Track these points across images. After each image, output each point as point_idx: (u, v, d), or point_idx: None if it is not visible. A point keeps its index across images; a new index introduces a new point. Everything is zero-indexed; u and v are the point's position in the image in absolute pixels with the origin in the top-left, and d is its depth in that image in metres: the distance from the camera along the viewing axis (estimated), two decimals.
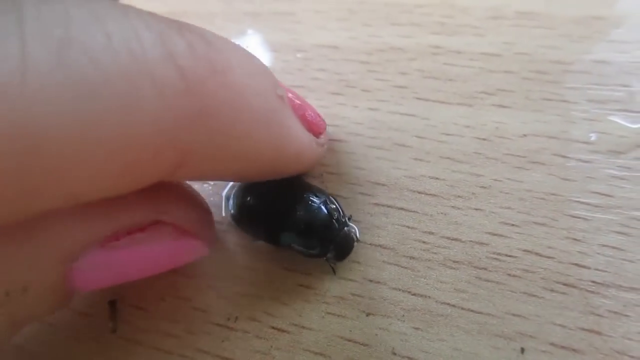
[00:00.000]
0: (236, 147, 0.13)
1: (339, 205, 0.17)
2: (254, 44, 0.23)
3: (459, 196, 0.18)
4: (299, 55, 0.22)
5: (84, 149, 0.10)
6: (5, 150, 0.09)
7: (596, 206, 0.17)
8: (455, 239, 0.17)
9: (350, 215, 0.18)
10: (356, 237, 0.18)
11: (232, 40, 0.14)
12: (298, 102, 0.17)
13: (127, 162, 0.11)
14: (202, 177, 0.16)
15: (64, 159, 0.10)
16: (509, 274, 0.16)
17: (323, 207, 0.17)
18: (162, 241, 0.15)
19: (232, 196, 0.19)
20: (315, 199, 0.17)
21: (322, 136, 0.18)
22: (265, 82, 0.14)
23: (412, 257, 0.17)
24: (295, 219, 0.17)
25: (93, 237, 0.14)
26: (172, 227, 0.15)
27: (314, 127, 0.17)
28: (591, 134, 0.18)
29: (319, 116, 0.18)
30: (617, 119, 0.18)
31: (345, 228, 0.17)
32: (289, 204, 0.17)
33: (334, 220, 0.17)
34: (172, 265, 0.16)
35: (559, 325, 0.15)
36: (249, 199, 0.18)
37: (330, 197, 0.18)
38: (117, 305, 0.18)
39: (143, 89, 0.11)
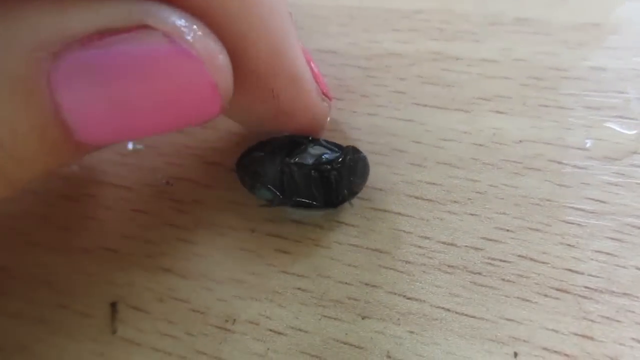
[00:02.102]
0: (252, 20, 0.14)
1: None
2: None
3: (455, 201, 0.18)
4: None
5: None
6: None
7: (591, 212, 0.17)
8: (451, 244, 0.17)
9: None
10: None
11: None
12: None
13: None
14: None
15: None
16: (503, 279, 0.17)
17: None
18: (150, 43, 0.12)
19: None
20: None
21: (325, 97, 0.18)
22: None
23: (408, 262, 0.17)
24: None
25: (70, 31, 0.12)
26: (161, 32, 0.12)
27: (319, 82, 0.18)
28: (587, 141, 0.18)
29: (326, 85, 0.18)
30: (613, 126, 0.18)
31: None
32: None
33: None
34: (182, 113, 0.13)
35: (552, 330, 0.16)
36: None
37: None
38: (117, 306, 0.19)
39: None
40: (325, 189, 0.17)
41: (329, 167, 0.17)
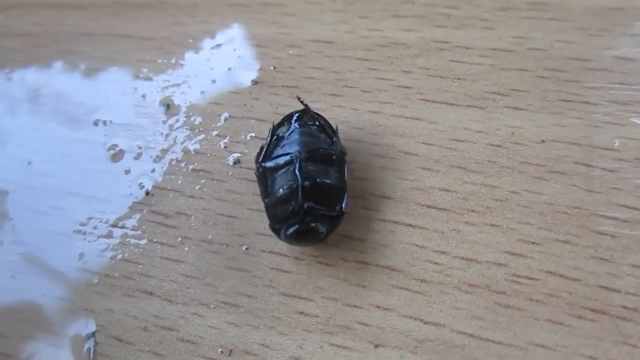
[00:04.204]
0: None
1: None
2: (240, 39, 0.21)
3: (472, 210, 0.16)
4: (291, 51, 0.20)
5: None
6: None
7: (624, 221, 0.15)
8: (471, 260, 0.16)
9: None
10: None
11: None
12: None
13: None
14: None
15: None
16: (531, 299, 0.15)
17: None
18: None
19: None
20: None
21: None
22: None
23: (423, 280, 0.16)
24: None
25: None
26: None
27: None
28: (615, 140, 0.17)
29: None
30: None
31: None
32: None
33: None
34: None
35: (589, 357, 0.14)
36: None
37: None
38: (95, 337, 0.17)
39: None
40: None
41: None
